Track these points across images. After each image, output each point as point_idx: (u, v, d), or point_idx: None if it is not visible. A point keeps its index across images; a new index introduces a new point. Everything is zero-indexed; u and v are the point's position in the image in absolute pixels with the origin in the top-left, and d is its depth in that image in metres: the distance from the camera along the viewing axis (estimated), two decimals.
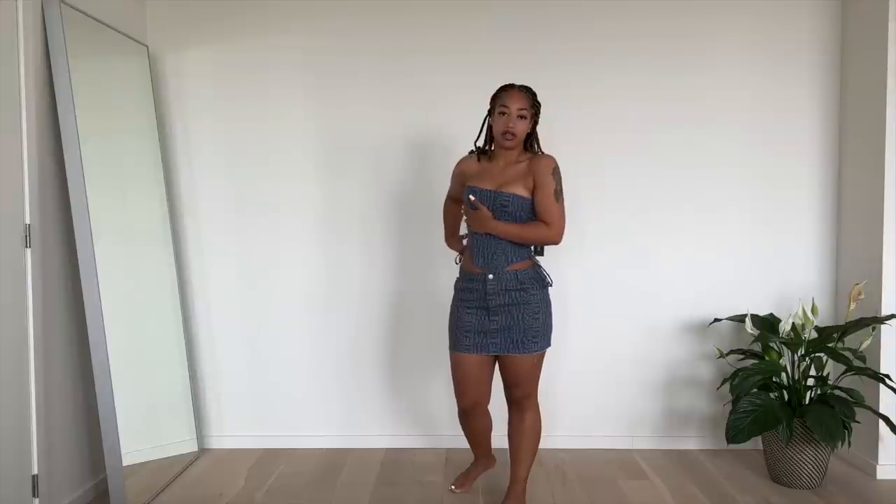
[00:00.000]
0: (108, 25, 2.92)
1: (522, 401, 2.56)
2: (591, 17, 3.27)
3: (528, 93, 2.48)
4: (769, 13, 3.26)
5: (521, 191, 2.42)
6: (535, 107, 2.49)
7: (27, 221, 2.45)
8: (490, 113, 2.53)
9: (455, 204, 2.78)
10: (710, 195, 3.32)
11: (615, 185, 3.33)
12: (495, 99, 2.49)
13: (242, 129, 3.34)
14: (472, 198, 2.44)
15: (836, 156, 3.31)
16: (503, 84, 2.52)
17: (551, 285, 2.57)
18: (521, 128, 2.44)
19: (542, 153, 2.54)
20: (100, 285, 2.62)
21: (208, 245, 3.37)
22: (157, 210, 3.18)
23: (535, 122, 2.53)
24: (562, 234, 2.42)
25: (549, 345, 2.56)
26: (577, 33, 3.27)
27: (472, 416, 2.69)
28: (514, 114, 2.41)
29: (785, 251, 3.34)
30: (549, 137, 3.27)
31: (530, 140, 2.55)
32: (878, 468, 3.02)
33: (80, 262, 2.62)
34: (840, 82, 3.28)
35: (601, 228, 3.33)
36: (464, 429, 2.79)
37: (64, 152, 2.60)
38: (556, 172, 2.43)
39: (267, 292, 3.39)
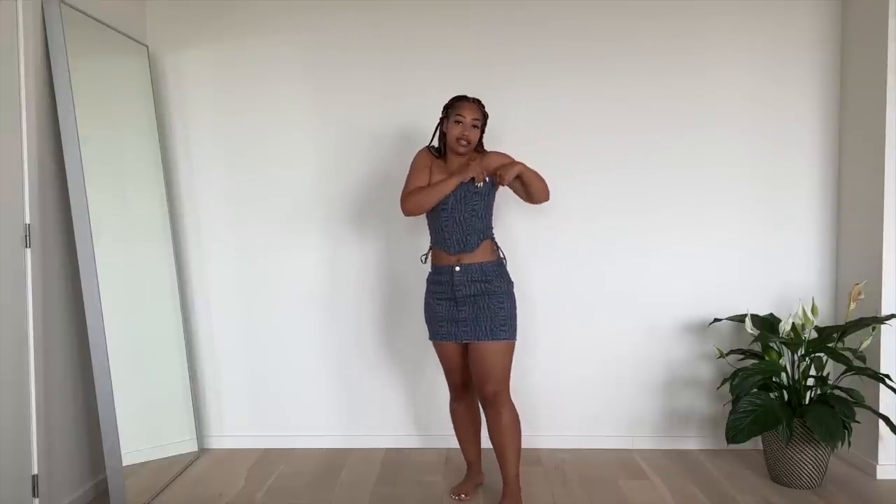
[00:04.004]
0: (108, 25, 2.92)
1: (496, 397, 2.60)
2: (590, 16, 3.27)
3: (480, 104, 2.67)
4: (769, 12, 3.26)
5: (486, 176, 2.63)
6: (484, 117, 2.67)
7: (27, 221, 2.45)
8: (443, 120, 2.69)
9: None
10: (710, 195, 3.32)
11: (615, 185, 3.32)
12: (450, 108, 2.65)
13: (242, 128, 3.34)
14: (483, 179, 2.59)
15: (836, 155, 3.30)
16: (456, 95, 2.67)
17: (505, 260, 2.72)
18: (475, 136, 2.64)
19: (488, 151, 2.75)
20: (100, 285, 2.62)
21: (208, 245, 3.37)
22: (157, 210, 3.18)
23: (483, 130, 2.69)
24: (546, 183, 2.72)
25: (515, 337, 2.66)
26: (577, 32, 3.28)
27: (461, 397, 2.81)
28: (468, 123, 2.61)
29: (785, 251, 3.33)
30: (550, 134, 3.28)
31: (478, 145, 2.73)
32: (878, 468, 3.01)
33: (80, 262, 2.62)
34: (840, 81, 3.27)
35: (601, 228, 3.33)
36: (454, 418, 2.85)
37: (64, 152, 2.60)
38: (511, 157, 2.68)
39: (267, 292, 3.39)
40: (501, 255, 2.71)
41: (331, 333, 3.40)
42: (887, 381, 2.82)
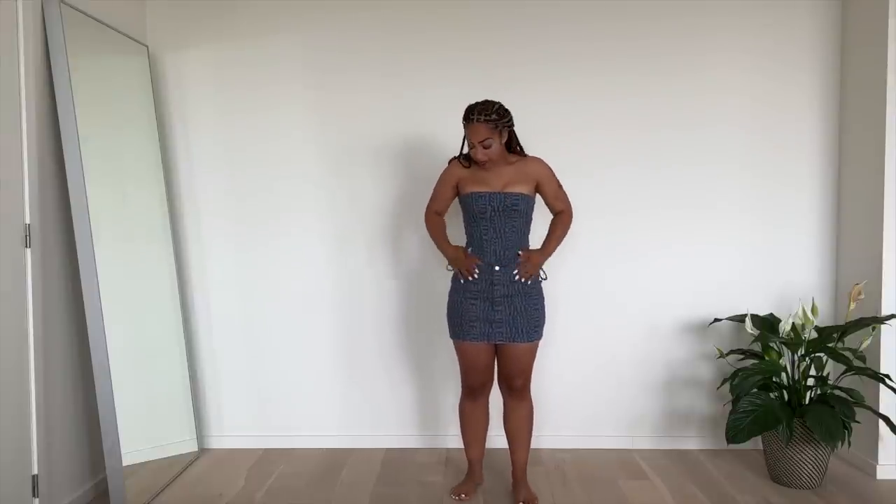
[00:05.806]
0: (108, 25, 2.92)
1: (523, 390, 2.73)
2: (590, 18, 3.27)
3: (487, 119, 2.52)
4: (769, 12, 3.26)
5: (525, 189, 2.64)
6: (498, 123, 2.55)
7: (27, 221, 2.45)
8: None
9: (441, 216, 2.81)
10: (710, 195, 3.32)
11: (615, 185, 3.32)
12: (464, 126, 2.59)
13: (242, 128, 3.34)
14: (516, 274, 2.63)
15: (836, 155, 3.30)
16: (467, 108, 2.57)
17: (545, 279, 2.74)
18: (492, 153, 2.58)
19: (528, 155, 2.70)
20: (100, 285, 2.62)
21: (208, 244, 3.37)
22: (157, 209, 3.18)
23: (509, 129, 2.61)
24: (572, 210, 2.80)
25: (542, 336, 2.70)
26: (577, 33, 3.27)
27: (478, 398, 2.78)
28: (479, 147, 2.56)
29: (785, 251, 3.34)
30: (550, 135, 3.28)
31: (511, 143, 2.67)
32: (878, 468, 3.02)
33: (80, 262, 2.62)
34: (840, 81, 3.27)
35: (601, 228, 3.33)
36: (465, 418, 2.83)
37: (64, 152, 2.60)
38: (551, 170, 2.71)
39: (267, 292, 3.39)
40: (541, 270, 2.70)
41: (331, 333, 3.40)
42: (887, 381, 2.82)
